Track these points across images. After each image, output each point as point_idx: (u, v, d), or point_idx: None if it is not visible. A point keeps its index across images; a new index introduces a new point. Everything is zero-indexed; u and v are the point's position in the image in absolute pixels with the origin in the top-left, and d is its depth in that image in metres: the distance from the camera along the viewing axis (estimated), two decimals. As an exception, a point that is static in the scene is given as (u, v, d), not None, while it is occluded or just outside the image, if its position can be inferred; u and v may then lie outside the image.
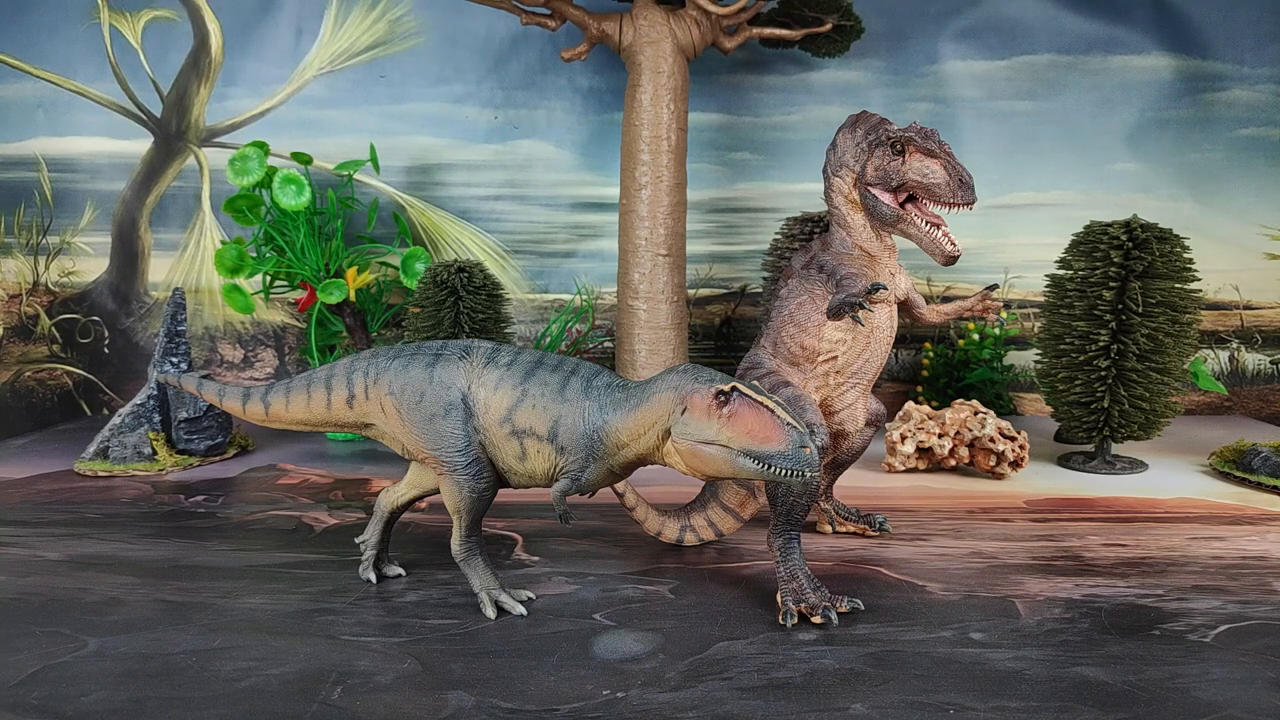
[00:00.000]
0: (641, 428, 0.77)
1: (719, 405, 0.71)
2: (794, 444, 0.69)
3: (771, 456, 0.70)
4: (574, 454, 0.79)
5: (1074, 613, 0.86)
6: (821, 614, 0.83)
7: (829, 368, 0.91)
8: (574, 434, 0.79)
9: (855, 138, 0.89)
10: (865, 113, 0.91)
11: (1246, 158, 1.84)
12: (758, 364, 0.95)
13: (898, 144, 0.85)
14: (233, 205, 1.59)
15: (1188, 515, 1.18)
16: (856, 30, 1.70)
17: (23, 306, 1.91)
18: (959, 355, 1.76)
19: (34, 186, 1.89)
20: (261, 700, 0.70)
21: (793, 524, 0.87)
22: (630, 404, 0.77)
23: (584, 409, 0.79)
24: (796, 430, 0.70)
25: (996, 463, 1.35)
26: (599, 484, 0.81)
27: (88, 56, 1.86)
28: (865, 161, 0.87)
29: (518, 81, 1.89)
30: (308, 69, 1.88)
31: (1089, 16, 1.84)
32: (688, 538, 1.03)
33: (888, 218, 0.85)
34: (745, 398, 0.71)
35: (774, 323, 0.95)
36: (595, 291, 1.91)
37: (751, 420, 0.70)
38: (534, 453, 0.81)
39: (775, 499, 0.87)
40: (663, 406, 0.75)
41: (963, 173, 0.82)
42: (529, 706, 0.68)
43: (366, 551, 0.96)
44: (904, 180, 0.84)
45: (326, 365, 0.92)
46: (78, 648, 0.79)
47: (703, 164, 1.87)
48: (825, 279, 0.89)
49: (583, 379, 0.80)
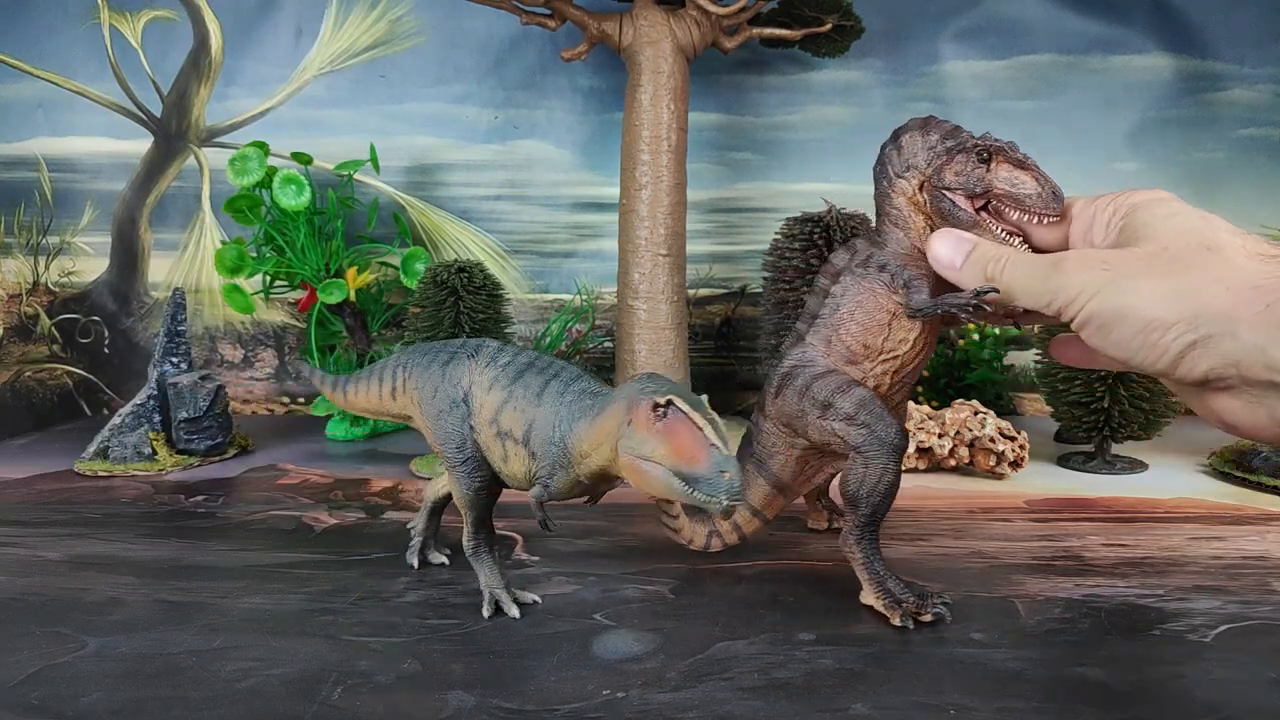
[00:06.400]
0: (599, 438, 0.73)
1: (657, 419, 0.67)
2: (715, 467, 0.65)
3: (694, 479, 0.65)
4: (543, 460, 0.77)
5: (1074, 613, 0.86)
6: (930, 610, 0.84)
7: (888, 367, 0.90)
8: (544, 440, 0.77)
9: (929, 141, 0.89)
10: (934, 118, 0.91)
11: (1247, 157, 1.84)
12: (810, 361, 0.93)
13: (984, 152, 0.85)
14: (233, 205, 1.59)
15: (1188, 515, 1.18)
16: (856, 30, 1.70)
17: (23, 306, 1.91)
18: (959, 355, 1.76)
19: (34, 186, 1.89)
20: (261, 700, 0.70)
21: (875, 525, 0.87)
22: (593, 413, 0.74)
23: (556, 415, 0.76)
24: (719, 452, 0.65)
25: (996, 463, 1.35)
26: (568, 493, 0.79)
27: (88, 56, 1.86)
28: (942, 166, 0.87)
29: (518, 81, 1.89)
30: (308, 69, 1.88)
31: (1090, 16, 1.84)
32: (714, 543, 1.01)
33: (964, 223, 0.85)
34: (680, 413, 0.67)
35: (828, 319, 0.92)
36: (595, 291, 1.91)
37: (683, 437, 0.66)
38: (513, 455, 0.80)
39: (857, 502, 0.86)
40: (616, 417, 0.71)
41: (1055, 185, 0.83)
42: (529, 706, 0.68)
43: (414, 538, 0.99)
44: (989, 188, 0.85)
45: (386, 358, 0.94)
46: (78, 648, 0.79)
47: (703, 164, 1.87)
48: (889, 279, 0.89)
49: (561, 383, 0.78)
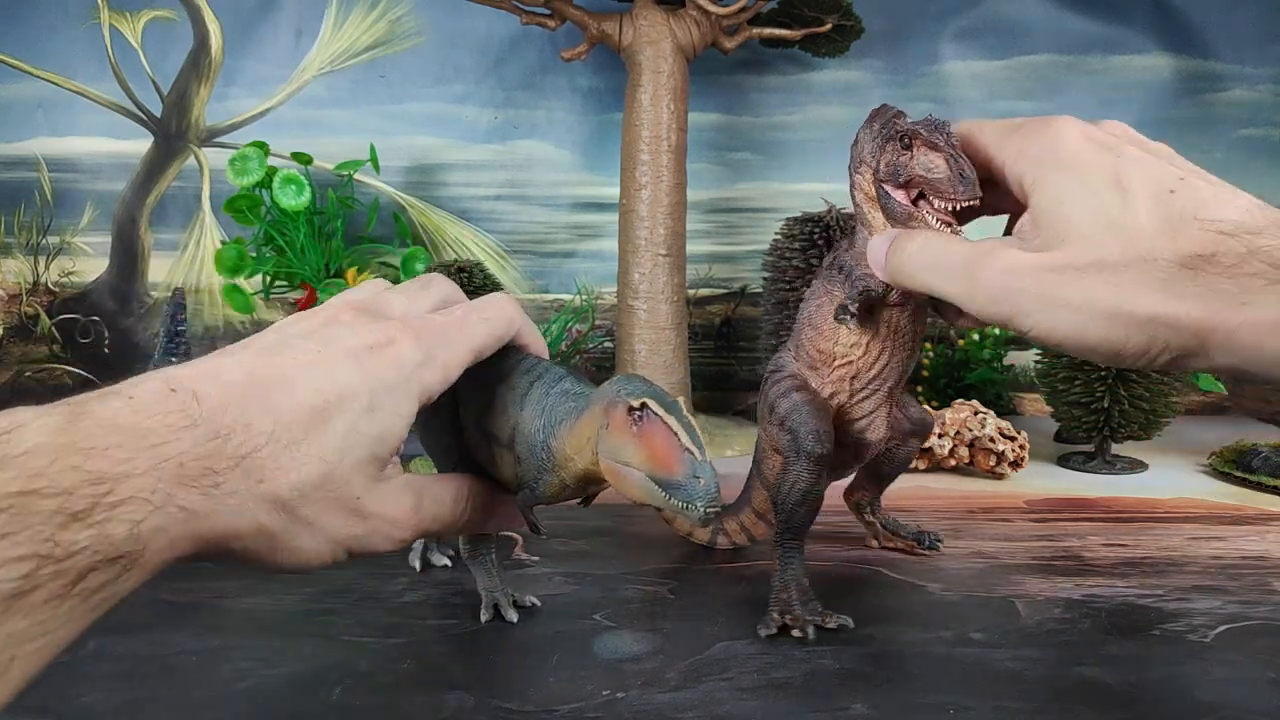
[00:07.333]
0: (580, 441, 0.71)
1: (633, 422, 0.65)
2: (688, 473, 0.63)
3: (670, 484, 0.63)
4: (528, 463, 0.75)
5: (1074, 613, 0.86)
6: (802, 628, 0.81)
7: (844, 373, 0.88)
8: (528, 443, 0.75)
9: (872, 131, 0.84)
10: (884, 106, 0.86)
11: (1247, 158, 1.84)
12: (781, 366, 0.92)
13: (906, 137, 0.80)
14: (233, 205, 1.59)
15: (1188, 515, 1.18)
16: (856, 30, 1.70)
17: (23, 306, 1.91)
18: (959, 355, 1.76)
19: (34, 186, 1.89)
20: (261, 700, 0.70)
21: (792, 533, 0.86)
22: (575, 415, 0.71)
23: (539, 418, 0.74)
24: (692, 456, 0.63)
25: (996, 463, 1.35)
26: (553, 498, 0.76)
27: (88, 56, 1.86)
28: (879, 156, 0.82)
29: (518, 81, 1.89)
30: (308, 69, 1.88)
31: (1089, 16, 1.84)
32: (720, 540, 1.02)
33: (899, 215, 0.80)
34: (655, 416, 0.65)
35: (798, 323, 0.91)
36: (595, 291, 1.91)
37: (658, 442, 0.64)
38: (498, 458, 0.78)
39: (776, 506, 0.86)
40: (595, 420, 0.69)
41: (964, 166, 0.76)
42: (529, 706, 0.68)
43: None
44: (911, 175, 0.79)
45: None
46: (76, 648, 0.78)
47: (703, 164, 1.87)
48: (844, 279, 0.85)
49: (545, 385, 0.76)
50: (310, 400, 0.55)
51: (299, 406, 0.54)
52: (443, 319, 0.68)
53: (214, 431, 0.50)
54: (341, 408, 0.56)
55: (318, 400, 0.55)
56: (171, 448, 0.47)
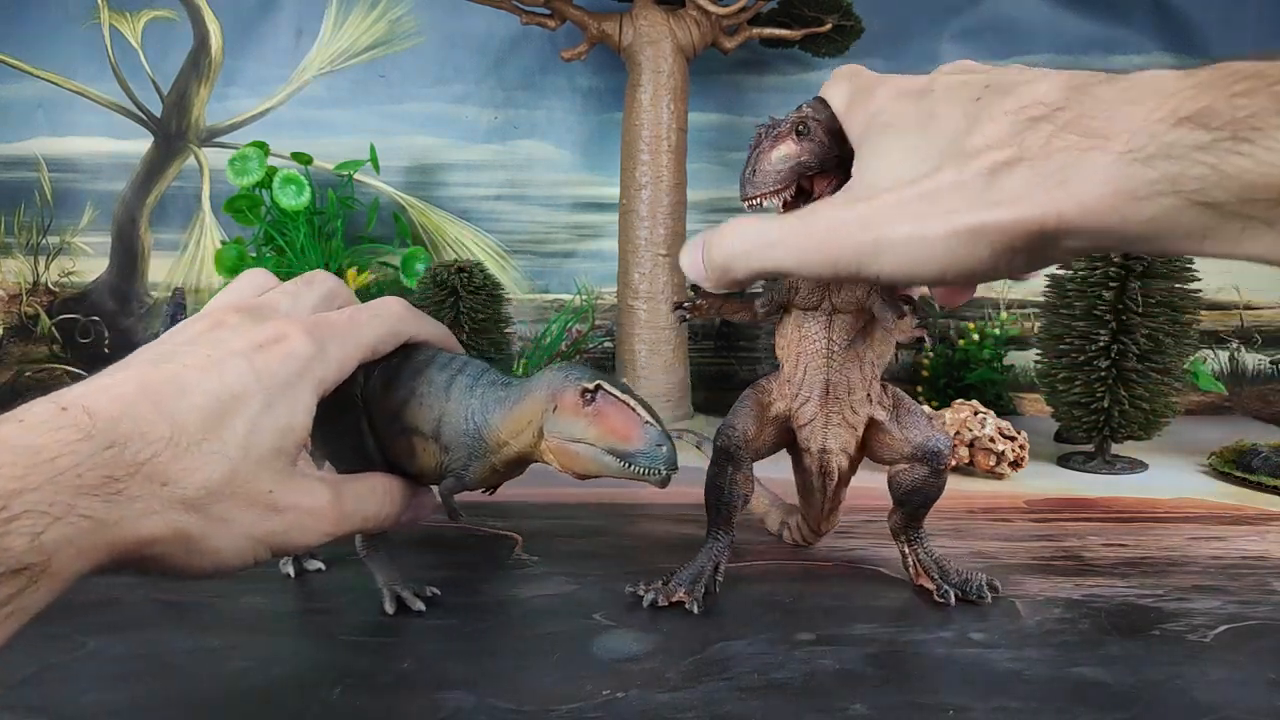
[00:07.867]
0: (519, 426, 0.77)
1: (585, 403, 0.73)
2: (651, 442, 0.71)
3: (631, 454, 0.71)
4: (456, 451, 0.79)
5: (1074, 613, 0.86)
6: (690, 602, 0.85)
7: (784, 377, 0.88)
8: (457, 432, 0.78)
9: None
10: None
11: (1247, 158, 1.84)
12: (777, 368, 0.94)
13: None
14: (233, 205, 1.60)
15: (1188, 515, 1.18)
16: (856, 30, 1.70)
17: (23, 306, 1.91)
18: (959, 355, 1.76)
19: (34, 186, 1.89)
20: (261, 700, 0.70)
21: (710, 520, 0.89)
22: (509, 402, 0.77)
23: (468, 407, 0.78)
24: (655, 428, 0.72)
25: (996, 463, 1.35)
26: (483, 482, 0.81)
27: (88, 56, 1.86)
28: None
29: (518, 81, 1.89)
30: (308, 69, 1.88)
31: (1089, 16, 1.84)
32: (785, 535, 1.04)
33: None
34: (609, 396, 0.73)
35: None
36: (595, 291, 1.91)
37: (615, 418, 0.72)
38: (419, 450, 0.80)
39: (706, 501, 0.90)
40: (537, 404, 0.76)
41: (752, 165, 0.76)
42: (529, 706, 0.68)
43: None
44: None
45: None
46: (75, 648, 0.78)
47: (703, 164, 1.87)
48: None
49: (469, 377, 0.80)
50: (204, 402, 0.56)
51: (194, 409, 0.55)
52: (334, 315, 0.70)
53: (109, 441, 0.50)
54: (237, 406, 0.58)
55: (212, 401, 0.56)
56: (66, 460, 0.48)
